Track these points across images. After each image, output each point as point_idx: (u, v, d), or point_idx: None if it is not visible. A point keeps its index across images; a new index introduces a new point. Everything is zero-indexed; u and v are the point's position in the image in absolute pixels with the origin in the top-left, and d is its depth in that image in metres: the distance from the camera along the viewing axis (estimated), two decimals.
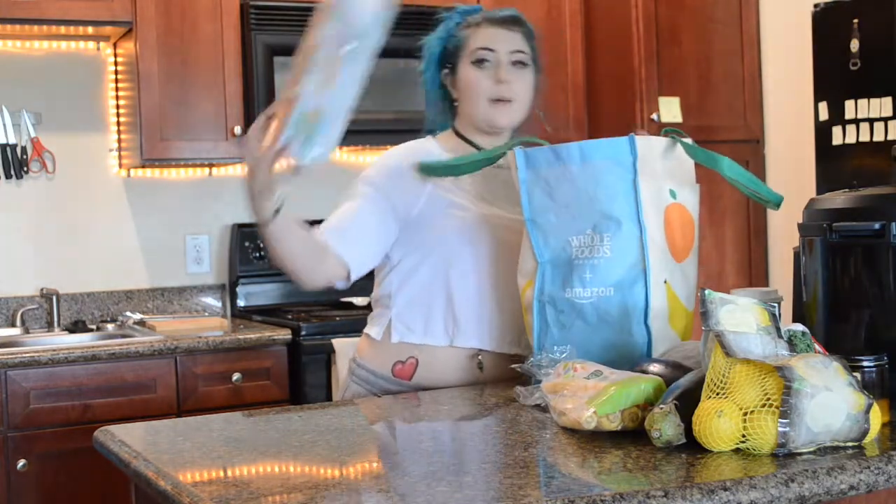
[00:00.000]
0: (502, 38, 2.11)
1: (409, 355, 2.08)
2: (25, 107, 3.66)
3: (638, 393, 1.54)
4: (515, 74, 2.11)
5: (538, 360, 1.80)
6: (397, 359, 2.09)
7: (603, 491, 1.24)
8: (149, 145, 3.49)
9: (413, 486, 1.33)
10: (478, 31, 2.12)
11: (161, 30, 3.49)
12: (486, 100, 2.10)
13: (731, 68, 4.11)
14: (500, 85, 2.08)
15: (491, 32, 2.12)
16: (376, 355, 2.12)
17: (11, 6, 3.29)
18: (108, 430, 1.73)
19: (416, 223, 2.08)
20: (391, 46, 4.01)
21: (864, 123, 3.37)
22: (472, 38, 2.12)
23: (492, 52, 2.10)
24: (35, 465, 3.05)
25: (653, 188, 1.88)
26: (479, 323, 2.07)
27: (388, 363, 2.10)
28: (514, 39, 2.12)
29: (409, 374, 2.07)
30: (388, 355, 2.10)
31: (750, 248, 4.13)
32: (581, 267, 1.87)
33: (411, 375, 2.07)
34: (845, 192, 1.78)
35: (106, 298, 3.76)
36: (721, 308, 1.53)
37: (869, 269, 1.69)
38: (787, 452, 1.37)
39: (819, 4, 3.51)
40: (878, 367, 1.55)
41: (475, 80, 2.10)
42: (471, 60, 2.11)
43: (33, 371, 3.06)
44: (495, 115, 2.10)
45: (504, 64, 2.10)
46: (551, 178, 1.91)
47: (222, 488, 1.37)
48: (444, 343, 2.07)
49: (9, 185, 3.66)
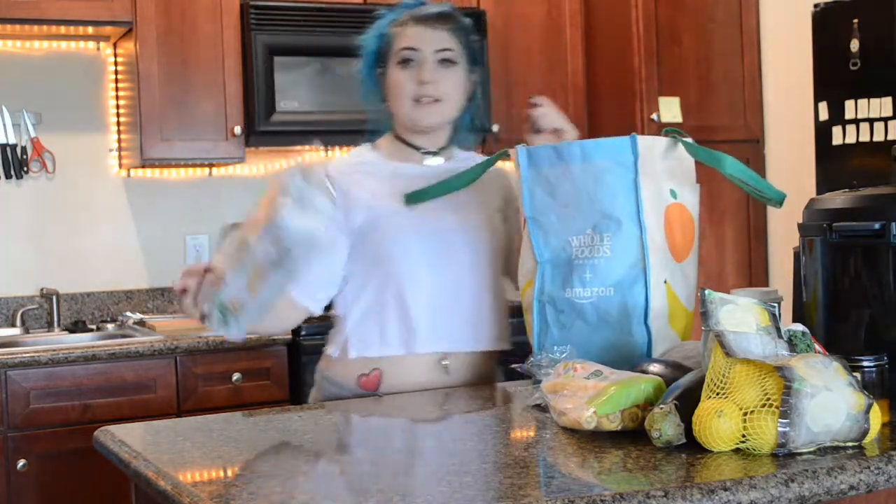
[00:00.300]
0: (427, 37, 2.07)
1: (373, 367, 2.05)
2: (25, 107, 3.66)
3: (638, 393, 1.54)
4: (441, 73, 2.07)
5: (538, 360, 1.80)
6: (361, 372, 2.05)
7: (603, 491, 1.24)
8: (149, 145, 3.49)
9: (413, 486, 1.33)
10: (404, 31, 2.09)
11: (161, 30, 3.50)
12: (409, 100, 2.07)
13: (731, 68, 4.11)
14: (424, 85, 2.05)
15: (416, 31, 2.08)
16: (340, 370, 2.08)
17: (11, 6, 3.30)
18: (108, 430, 1.73)
19: (359, 235, 2.05)
20: None
21: (864, 123, 3.37)
22: (398, 37, 2.09)
23: (416, 52, 2.06)
24: (35, 465, 3.05)
25: (653, 188, 1.88)
26: (435, 327, 2.04)
27: (352, 376, 2.06)
28: (440, 38, 2.08)
29: (375, 385, 2.04)
30: (351, 369, 2.06)
31: (750, 248, 4.13)
32: (581, 267, 1.87)
33: (377, 386, 2.04)
34: (845, 192, 1.78)
35: (106, 298, 3.76)
36: (721, 308, 1.53)
37: (869, 269, 1.69)
38: (787, 452, 1.37)
39: (819, 4, 3.51)
40: (878, 367, 1.55)
41: (400, 81, 2.07)
42: (396, 61, 2.08)
43: (33, 371, 3.06)
44: (418, 115, 2.08)
45: (428, 63, 2.06)
46: (552, 177, 1.91)
47: (222, 488, 1.37)
48: (401, 352, 2.03)
49: (9, 185, 3.66)
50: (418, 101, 2.06)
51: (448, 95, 2.08)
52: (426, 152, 2.13)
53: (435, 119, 2.10)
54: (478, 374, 2.10)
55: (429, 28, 2.08)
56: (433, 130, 2.12)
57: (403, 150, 2.14)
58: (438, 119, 2.10)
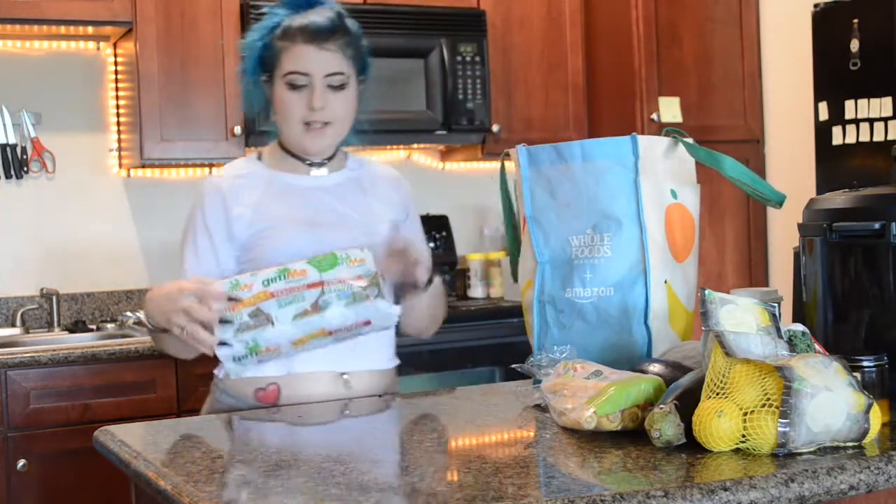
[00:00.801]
0: (316, 61, 2.00)
1: (269, 382, 1.98)
2: (25, 107, 3.65)
3: (638, 393, 1.54)
4: (331, 97, 2.01)
5: (538, 360, 1.80)
6: (257, 386, 1.98)
7: (603, 491, 1.24)
8: (149, 145, 3.49)
9: (413, 486, 1.33)
10: (292, 50, 2.00)
11: (161, 30, 3.49)
12: (299, 124, 2.02)
13: (731, 68, 4.11)
14: (314, 111, 2.00)
15: (305, 52, 2.00)
16: (235, 383, 2.00)
17: (11, 6, 3.29)
18: (108, 430, 1.73)
19: (243, 250, 2.01)
20: (391, 46, 4.02)
21: (864, 123, 3.37)
22: (286, 57, 2.01)
23: (305, 77, 2.00)
24: (35, 465, 3.05)
25: (654, 188, 1.88)
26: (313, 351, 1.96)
27: (248, 390, 1.99)
28: (330, 61, 2.01)
29: (274, 398, 1.98)
30: (246, 382, 1.98)
31: (750, 248, 4.13)
32: (581, 267, 1.87)
33: (276, 399, 1.98)
34: (845, 192, 1.78)
35: (106, 298, 3.76)
36: (721, 308, 1.53)
37: (869, 269, 1.69)
38: (787, 452, 1.37)
39: (819, 4, 3.51)
40: (878, 367, 1.55)
41: (289, 103, 2.01)
42: (284, 81, 2.01)
43: (33, 371, 3.05)
44: (308, 142, 2.04)
45: (318, 89, 2.00)
46: (553, 177, 1.91)
47: (222, 488, 1.37)
48: (281, 373, 1.97)
49: (9, 185, 3.65)
50: (308, 126, 2.02)
51: (338, 117, 2.04)
52: (312, 163, 2.09)
53: (326, 143, 2.06)
54: (381, 386, 2.05)
55: (318, 48, 2.00)
56: (323, 153, 2.09)
57: (289, 160, 2.10)
58: (329, 143, 2.06)
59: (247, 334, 1.80)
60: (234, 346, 1.80)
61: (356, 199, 2.09)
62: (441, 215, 4.17)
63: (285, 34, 2.02)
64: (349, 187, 2.11)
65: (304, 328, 1.81)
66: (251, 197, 2.04)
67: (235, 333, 1.81)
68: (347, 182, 2.11)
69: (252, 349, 1.81)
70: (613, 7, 4.01)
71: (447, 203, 4.24)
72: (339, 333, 1.85)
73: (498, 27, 3.99)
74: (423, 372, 3.38)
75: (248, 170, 2.10)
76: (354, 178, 2.13)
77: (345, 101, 2.04)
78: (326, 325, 1.82)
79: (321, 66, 2.00)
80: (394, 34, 3.70)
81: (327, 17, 2.02)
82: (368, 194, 2.11)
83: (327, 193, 2.08)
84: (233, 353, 1.82)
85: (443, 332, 2.31)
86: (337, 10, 2.04)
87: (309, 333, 1.83)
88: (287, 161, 2.10)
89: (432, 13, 3.80)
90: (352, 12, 2.09)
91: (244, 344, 1.80)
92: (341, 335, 1.86)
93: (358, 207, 2.08)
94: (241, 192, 2.05)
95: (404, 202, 2.18)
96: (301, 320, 1.81)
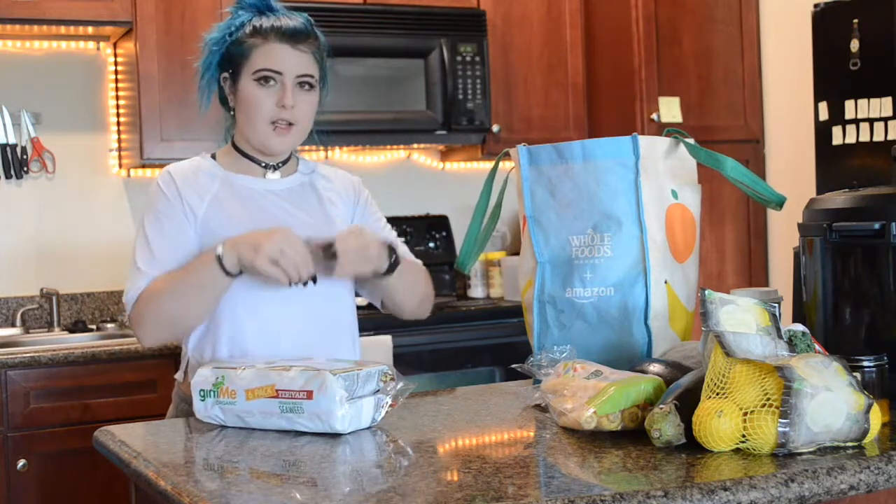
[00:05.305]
0: (291, 60, 2.00)
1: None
2: (25, 107, 3.65)
3: (638, 393, 1.54)
4: (300, 97, 2.01)
5: (538, 360, 1.80)
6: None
7: (603, 491, 1.24)
8: (149, 145, 3.49)
9: (413, 486, 1.33)
10: (265, 46, 1.99)
11: (161, 30, 3.49)
12: (266, 122, 2.01)
13: (731, 68, 4.11)
14: (283, 109, 1.99)
15: (279, 50, 1.99)
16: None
17: (11, 6, 3.30)
18: (108, 430, 1.74)
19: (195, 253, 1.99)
20: (391, 46, 4.02)
21: (864, 123, 3.38)
22: (258, 53, 2.00)
23: (278, 74, 1.99)
24: (35, 465, 3.05)
25: (654, 188, 1.88)
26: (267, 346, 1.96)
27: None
28: (303, 61, 2.01)
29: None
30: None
31: (750, 249, 4.13)
32: (581, 267, 1.87)
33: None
34: (845, 192, 1.78)
35: (106, 298, 3.76)
36: (721, 308, 1.53)
37: (869, 269, 1.69)
38: (787, 452, 1.37)
39: (819, 4, 3.51)
40: (878, 367, 1.55)
41: (257, 100, 2.00)
42: (254, 77, 2.00)
43: (33, 371, 3.05)
44: (274, 140, 2.02)
45: (289, 87, 1.99)
46: (553, 176, 1.91)
47: (222, 488, 1.37)
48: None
49: (9, 185, 3.66)
50: (274, 125, 2.01)
51: (302, 119, 2.03)
52: (267, 166, 2.08)
53: (288, 144, 2.05)
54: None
55: (293, 49, 2.00)
56: (285, 154, 2.09)
57: (243, 162, 2.08)
58: (291, 143, 2.06)
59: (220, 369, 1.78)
60: (207, 374, 1.78)
61: (311, 203, 2.09)
62: (441, 215, 4.17)
63: (256, 32, 2.01)
64: (303, 192, 2.10)
65: (260, 379, 1.76)
66: (208, 192, 2.03)
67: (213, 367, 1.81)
68: (301, 187, 2.10)
69: (217, 385, 1.77)
70: (613, 7, 4.01)
71: (447, 203, 4.24)
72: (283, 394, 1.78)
73: (498, 27, 3.99)
74: (423, 372, 3.38)
75: (203, 167, 2.07)
76: (308, 182, 2.12)
77: (310, 104, 2.04)
78: (279, 383, 1.77)
79: (294, 65, 2.00)
80: (394, 34, 3.69)
81: (300, 22, 2.03)
82: (323, 198, 2.10)
83: (282, 198, 2.06)
84: (201, 386, 1.79)
85: (443, 332, 2.31)
86: (307, 17, 2.06)
87: (261, 385, 1.76)
88: (241, 163, 2.08)
89: (432, 13, 3.80)
90: (352, 12, 2.09)
91: (216, 376, 1.77)
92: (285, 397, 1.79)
93: (313, 213, 2.07)
94: (197, 185, 2.03)
95: (360, 200, 2.17)
96: (261, 373, 1.76)
